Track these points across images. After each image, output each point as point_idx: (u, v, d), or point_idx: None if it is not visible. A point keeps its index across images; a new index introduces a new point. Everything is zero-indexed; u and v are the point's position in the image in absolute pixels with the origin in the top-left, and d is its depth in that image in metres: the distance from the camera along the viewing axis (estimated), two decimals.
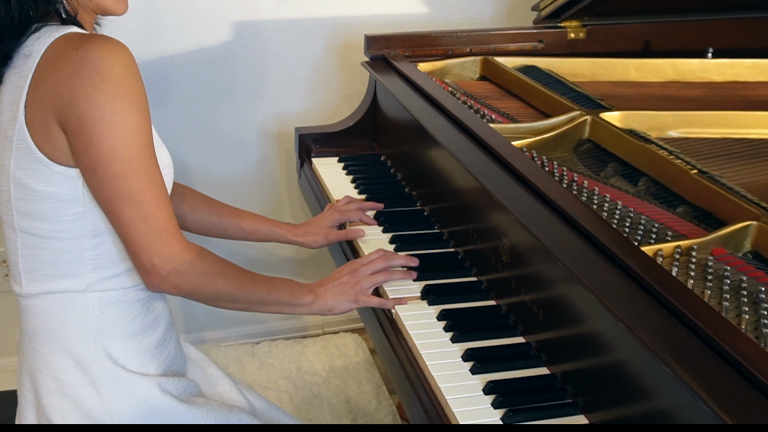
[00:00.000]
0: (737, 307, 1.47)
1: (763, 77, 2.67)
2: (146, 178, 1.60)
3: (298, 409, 3.07)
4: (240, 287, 1.75)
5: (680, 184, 1.89)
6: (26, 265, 1.71)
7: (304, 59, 3.15)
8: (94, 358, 1.71)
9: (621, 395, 1.38)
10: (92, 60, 1.54)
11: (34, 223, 1.66)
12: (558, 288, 1.58)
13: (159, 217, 1.62)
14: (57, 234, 1.67)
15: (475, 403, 1.55)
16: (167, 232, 1.63)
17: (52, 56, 1.59)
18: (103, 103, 1.54)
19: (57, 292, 1.71)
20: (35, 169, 1.62)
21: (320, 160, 2.69)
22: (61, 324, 1.71)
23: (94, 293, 1.71)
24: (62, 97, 1.55)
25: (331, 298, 1.87)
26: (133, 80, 1.58)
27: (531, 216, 1.71)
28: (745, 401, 1.16)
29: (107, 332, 1.72)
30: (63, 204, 1.65)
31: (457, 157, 2.01)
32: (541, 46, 2.85)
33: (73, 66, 1.55)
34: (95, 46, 1.55)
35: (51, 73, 1.57)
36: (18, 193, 1.65)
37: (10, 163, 1.64)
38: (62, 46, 1.59)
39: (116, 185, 1.58)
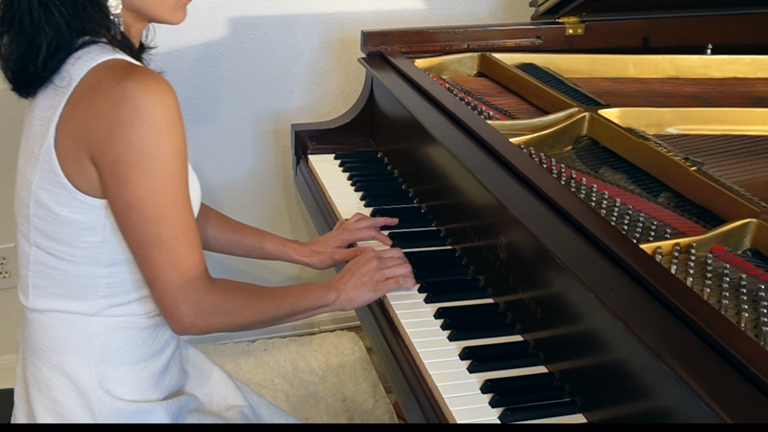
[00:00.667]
0: (737, 305, 1.47)
1: (763, 73, 2.67)
2: (180, 224, 1.57)
3: (295, 408, 3.07)
4: (265, 312, 1.74)
5: (679, 182, 1.89)
6: (36, 281, 1.69)
7: (300, 55, 3.14)
8: (94, 385, 1.68)
9: (619, 394, 1.38)
10: (133, 98, 1.49)
11: (51, 243, 1.64)
12: (556, 286, 1.58)
13: (189, 263, 1.59)
14: (72, 258, 1.64)
15: (473, 402, 1.55)
16: (195, 278, 1.60)
17: (92, 85, 1.54)
18: (141, 147, 1.50)
19: (64, 312, 1.68)
20: (58, 193, 1.59)
21: (317, 157, 2.69)
22: (65, 345, 1.69)
23: (103, 318, 1.69)
24: (98, 133, 1.51)
25: (352, 290, 1.86)
26: (173, 123, 1.53)
27: (529, 213, 1.71)
28: (744, 400, 1.16)
29: (111, 358, 1.70)
30: (82, 231, 1.62)
31: (455, 154, 2.01)
32: (539, 42, 2.84)
33: (112, 102, 1.50)
34: (138, 84, 1.50)
35: (89, 104, 1.53)
36: (38, 211, 1.63)
37: (33, 179, 1.61)
38: (103, 75, 1.54)
39: (149, 231, 1.55)
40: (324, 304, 1.82)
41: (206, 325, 1.64)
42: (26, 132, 1.66)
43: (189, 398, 1.82)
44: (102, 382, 1.69)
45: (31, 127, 1.64)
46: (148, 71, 1.55)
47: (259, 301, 1.72)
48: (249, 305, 1.70)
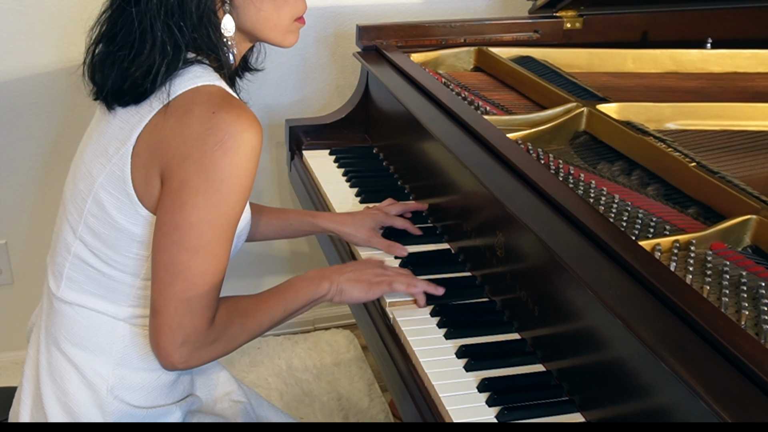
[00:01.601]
0: (737, 303, 1.47)
1: (763, 68, 2.67)
2: (213, 263, 1.56)
3: (289, 407, 3.06)
4: (259, 327, 1.72)
5: (678, 178, 1.89)
6: (71, 273, 1.70)
7: (294, 49, 3.13)
8: (109, 388, 1.69)
9: (618, 393, 1.38)
10: (223, 132, 1.51)
11: (98, 243, 1.65)
12: (554, 283, 1.58)
13: (203, 302, 1.57)
14: (115, 264, 1.65)
15: (469, 401, 1.55)
16: (202, 318, 1.58)
17: (185, 105, 1.55)
18: (212, 177, 1.51)
19: (93, 310, 1.69)
20: (121, 200, 1.60)
21: (311, 152, 2.69)
22: (88, 342, 1.70)
23: (129, 325, 1.70)
24: (177, 153, 1.52)
25: (346, 283, 1.82)
26: (251, 166, 1.55)
27: (526, 210, 1.71)
28: (744, 399, 1.16)
29: (130, 364, 1.70)
30: (133, 242, 1.63)
31: (451, 149, 2.01)
32: (537, 36, 2.84)
33: (201, 129, 1.51)
34: (232, 120, 1.52)
35: (177, 124, 1.54)
36: (94, 210, 1.63)
37: (98, 178, 1.62)
38: (199, 100, 1.55)
39: (181, 257, 1.54)
40: (318, 296, 1.79)
41: (198, 362, 1.63)
42: (101, 128, 1.67)
43: (193, 400, 1.83)
44: (117, 385, 1.70)
45: (109, 126, 1.64)
46: (244, 108, 1.57)
47: (252, 320, 1.70)
48: (243, 330, 1.69)
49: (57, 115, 2.92)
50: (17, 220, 2.98)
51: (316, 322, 3.59)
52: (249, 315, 1.70)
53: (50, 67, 2.84)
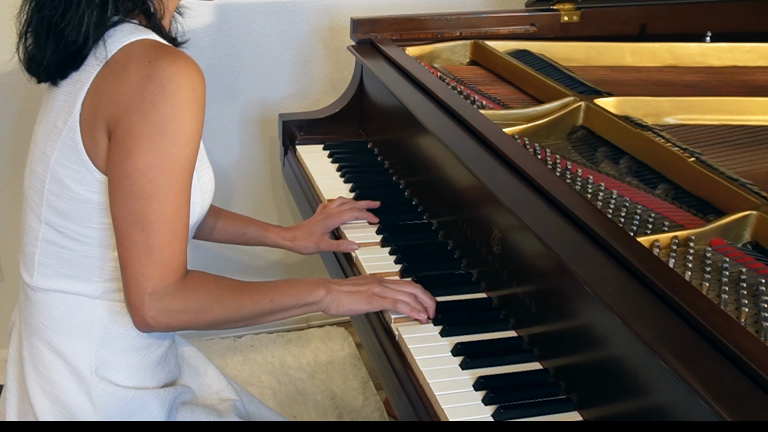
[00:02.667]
0: (736, 300, 1.47)
1: (763, 62, 2.67)
2: (169, 209, 1.55)
3: (282, 406, 3.06)
4: (239, 309, 1.68)
5: (677, 173, 1.89)
6: (42, 259, 1.70)
7: (287, 43, 3.13)
8: (93, 370, 1.69)
9: (616, 391, 1.38)
10: (161, 77, 1.52)
11: (62, 221, 1.65)
12: (551, 280, 1.58)
13: (166, 252, 1.56)
14: (82, 238, 1.66)
15: (465, 400, 1.55)
16: (169, 270, 1.57)
17: (121, 60, 1.56)
18: (155, 121, 1.51)
19: (68, 293, 1.70)
20: (77, 170, 1.61)
21: (305, 147, 2.69)
22: (66, 327, 1.70)
23: (106, 301, 1.70)
24: (119, 105, 1.53)
25: (344, 294, 1.78)
26: (194, 107, 1.55)
27: (523, 205, 1.71)
28: (744, 397, 1.16)
29: (112, 344, 1.71)
30: (97, 211, 1.63)
31: (447, 144, 2.00)
32: (534, 29, 2.84)
33: (139, 78, 1.53)
34: (168, 64, 1.53)
35: (116, 79, 1.55)
36: (53, 187, 1.64)
37: (52, 155, 1.63)
38: (135, 53, 1.56)
39: (136, 206, 1.53)
40: (309, 301, 1.76)
41: (168, 321, 1.60)
42: (48, 106, 1.68)
43: (183, 389, 1.83)
44: (101, 366, 1.70)
45: (54, 102, 1.65)
46: (180, 52, 1.58)
47: (232, 298, 1.67)
48: (219, 302, 1.65)
49: None
50: (6, 216, 2.98)
51: (310, 319, 3.59)
52: (231, 291, 1.68)
53: None
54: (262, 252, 3.38)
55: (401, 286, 1.82)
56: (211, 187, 1.78)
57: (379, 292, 1.80)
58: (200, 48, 3.04)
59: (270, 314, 1.72)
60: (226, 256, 3.31)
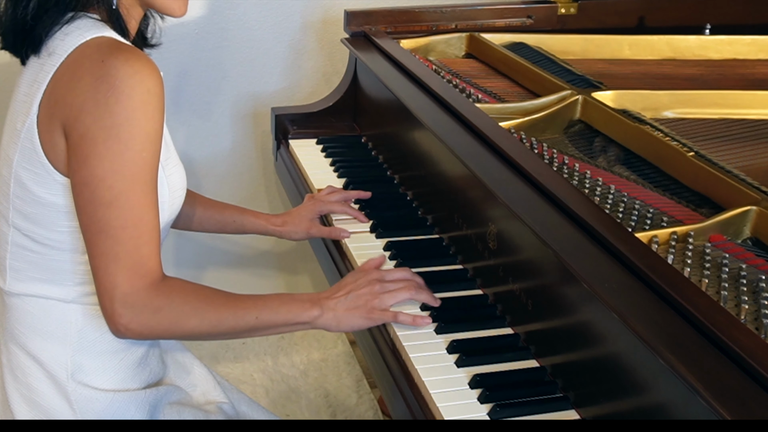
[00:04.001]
0: (736, 297, 1.46)
1: (763, 55, 2.68)
2: (133, 214, 1.53)
3: (275, 404, 3.06)
4: (219, 323, 1.62)
5: (676, 167, 1.89)
6: (14, 263, 1.69)
7: (280, 36, 3.13)
8: (69, 375, 1.68)
9: (614, 389, 1.38)
10: (113, 78, 1.49)
11: (29, 225, 1.64)
12: (548, 276, 1.58)
13: (134, 257, 1.54)
14: (50, 242, 1.65)
15: (461, 398, 1.55)
16: (138, 276, 1.54)
17: (76, 60, 1.55)
18: (109, 125, 1.49)
19: (41, 297, 1.68)
20: (38, 174, 1.59)
21: (298, 141, 2.69)
22: (41, 332, 1.69)
23: (80, 305, 1.69)
24: (73, 107, 1.52)
25: (343, 312, 1.71)
26: (150, 108, 1.53)
27: (519, 201, 1.70)
28: (744, 395, 1.16)
29: (88, 348, 1.70)
30: (61, 215, 1.62)
31: (442, 138, 2.00)
32: (530, 21, 2.84)
33: (92, 79, 1.51)
34: (121, 64, 1.51)
35: (70, 80, 1.54)
36: (18, 191, 1.63)
37: (14, 158, 1.62)
38: (88, 52, 1.55)
39: (98, 214, 1.52)
40: (301, 321, 1.69)
41: (141, 329, 1.57)
42: (11, 109, 1.68)
43: (169, 389, 1.81)
44: (78, 371, 1.69)
45: (15, 103, 1.65)
46: (135, 51, 1.56)
47: (213, 311, 1.62)
48: (197, 313, 1.61)
49: None
50: None
51: None
52: (212, 304, 1.63)
53: None
54: (251, 241, 3.38)
55: (398, 281, 1.78)
56: (181, 185, 1.76)
57: (378, 304, 1.73)
58: (191, 40, 3.04)
59: (255, 330, 1.68)
60: (212, 246, 3.30)
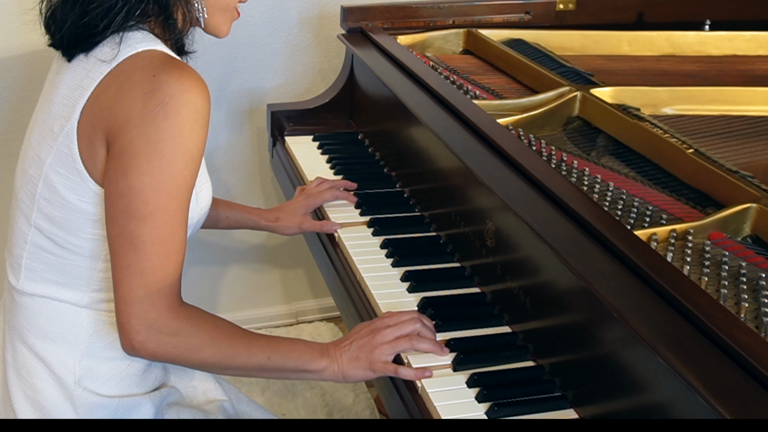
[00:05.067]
0: (736, 295, 1.47)
1: (763, 51, 2.68)
2: (164, 231, 1.53)
3: (271, 403, 3.06)
4: (233, 358, 1.62)
5: (675, 164, 1.89)
6: (30, 263, 1.69)
7: (276, 31, 3.13)
8: (76, 380, 1.68)
9: (612, 388, 1.38)
10: (164, 94, 1.49)
11: (53, 228, 1.64)
12: (546, 274, 1.58)
13: (159, 275, 1.53)
14: (72, 247, 1.64)
15: (458, 397, 1.55)
16: (160, 294, 1.54)
17: (126, 71, 1.54)
18: (154, 140, 1.49)
19: (54, 299, 1.68)
20: (72, 179, 1.59)
21: (294, 138, 2.68)
22: (51, 334, 1.69)
23: (92, 311, 1.69)
24: (119, 118, 1.51)
25: (346, 363, 1.68)
26: (197, 127, 1.53)
27: (517, 198, 1.70)
28: (744, 394, 1.16)
29: (97, 353, 1.69)
30: (89, 222, 1.62)
31: (439, 135, 2.00)
32: (529, 17, 2.84)
33: (143, 92, 1.50)
34: (173, 81, 1.51)
35: (118, 90, 1.53)
36: (46, 193, 1.63)
37: (47, 160, 1.61)
38: (141, 65, 1.54)
39: (130, 227, 1.51)
40: (310, 369, 1.67)
41: (156, 349, 1.56)
42: (46, 108, 1.66)
43: (170, 391, 1.82)
44: (85, 376, 1.69)
45: (52, 105, 1.64)
46: (187, 68, 1.56)
47: (227, 344, 1.62)
48: (213, 344, 1.60)
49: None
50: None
51: (299, 315, 3.59)
52: (228, 336, 1.63)
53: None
54: (242, 236, 3.37)
55: (399, 330, 1.70)
56: (208, 202, 1.77)
57: (378, 356, 1.68)
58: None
59: (264, 371, 1.67)
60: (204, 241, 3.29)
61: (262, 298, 3.52)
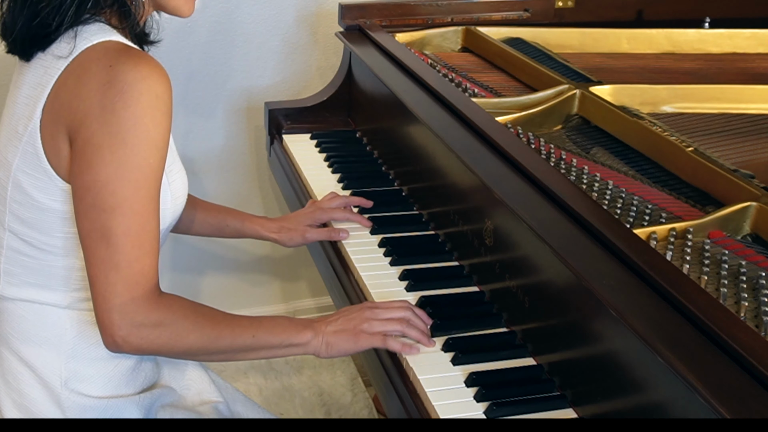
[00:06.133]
0: (736, 294, 1.47)
1: (763, 48, 2.68)
2: (136, 221, 1.50)
3: (268, 402, 3.06)
4: (217, 340, 1.61)
5: (675, 163, 1.89)
6: (8, 267, 1.68)
7: (274, 29, 3.12)
8: (63, 382, 1.68)
9: (612, 387, 1.38)
10: (121, 83, 1.48)
11: (26, 230, 1.63)
12: (545, 273, 1.58)
13: (135, 268, 1.51)
14: (47, 247, 1.64)
15: (457, 396, 1.55)
16: (137, 286, 1.52)
17: (83, 64, 1.53)
18: (115, 130, 1.48)
19: (35, 302, 1.68)
20: (39, 179, 1.58)
21: (292, 137, 2.68)
22: (35, 338, 1.68)
23: (75, 311, 1.68)
24: (78, 112, 1.50)
25: (332, 334, 1.69)
26: (158, 114, 1.52)
27: (516, 196, 1.70)
28: (744, 394, 1.16)
29: (83, 354, 1.69)
30: (61, 221, 1.61)
31: (438, 133, 2.00)
32: (527, 15, 2.84)
33: (100, 83, 1.49)
34: (130, 68, 1.49)
35: (76, 83, 1.52)
36: (16, 195, 1.62)
37: (14, 161, 1.61)
38: (96, 56, 1.53)
39: (100, 220, 1.49)
40: (295, 342, 1.67)
41: (139, 342, 1.54)
42: (10, 110, 1.66)
43: (163, 391, 1.80)
44: (72, 379, 1.68)
45: (16, 106, 1.63)
46: (145, 56, 1.55)
47: (210, 327, 1.60)
48: (196, 329, 1.59)
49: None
50: None
51: (297, 314, 3.58)
52: (210, 320, 1.62)
53: None
54: (248, 247, 3.38)
55: (391, 312, 1.73)
56: (183, 192, 1.75)
57: (366, 328, 1.70)
58: (182, 34, 3.03)
59: (251, 351, 1.67)
60: (209, 251, 3.30)
61: (260, 297, 3.52)
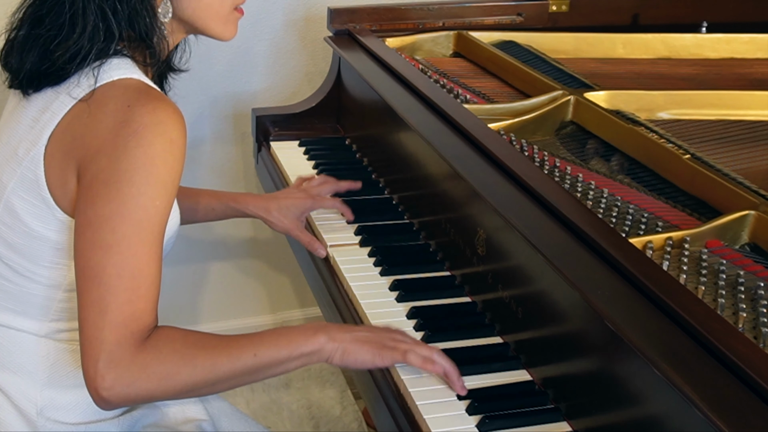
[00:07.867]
0: (734, 304, 1.47)
1: (761, 53, 2.68)
2: (131, 263, 1.45)
3: (256, 416, 3.06)
4: (214, 367, 1.50)
5: (672, 171, 1.89)
6: None
7: (261, 34, 3.13)
8: (38, 411, 1.67)
9: (607, 400, 1.38)
10: (137, 124, 1.47)
11: (12, 255, 1.62)
12: (538, 283, 1.58)
13: (125, 313, 1.44)
14: (31, 275, 1.62)
15: (449, 409, 1.55)
16: (126, 330, 1.44)
17: (100, 100, 1.52)
18: (124, 168, 1.46)
19: (12, 329, 1.67)
20: (36, 206, 1.57)
21: (279, 144, 2.68)
22: (10, 364, 1.67)
23: (52, 341, 1.67)
24: (90, 147, 1.49)
25: (351, 342, 1.58)
26: (171, 158, 1.49)
27: (509, 205, 1.70)
28: (742, 406, 1.16)
29: (59, 382, 1.67)
30: (52, 251, 1.59)
31: (429, 140, 2.00)
32: (521, 19, 2.84)
33: (116, 122, 1.48)
34: (147, 112, 1.48)
35: (91, 119, 1.51)
36: (7, 219, 1.61)
37: (9, 183, 1.59)
38: (115, 94, 1.52)
39: (95, 258, 1.45)
40: (307, 351, 1.56)
41: (128, 391, 1.45)
42: (10, 127, 1.64)
43: (143, 412, 1.78)
44: (48, 407, 1.67)
45: (18, 125, 1.62)
46: (163, 99, 1.54)
47: (204, 357, 1.49)
48: (187, 363, 1.48)
49: None
50: None
51: (286, 324, 3.58)
52: (203, 349, 1.51)
53: None
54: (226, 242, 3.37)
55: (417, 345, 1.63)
56: (175, 230, 1.72)
57: (392, 344, 1.61)
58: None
59: (257, 371, 1.55)
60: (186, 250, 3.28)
61: (247, 308, 3.51)
